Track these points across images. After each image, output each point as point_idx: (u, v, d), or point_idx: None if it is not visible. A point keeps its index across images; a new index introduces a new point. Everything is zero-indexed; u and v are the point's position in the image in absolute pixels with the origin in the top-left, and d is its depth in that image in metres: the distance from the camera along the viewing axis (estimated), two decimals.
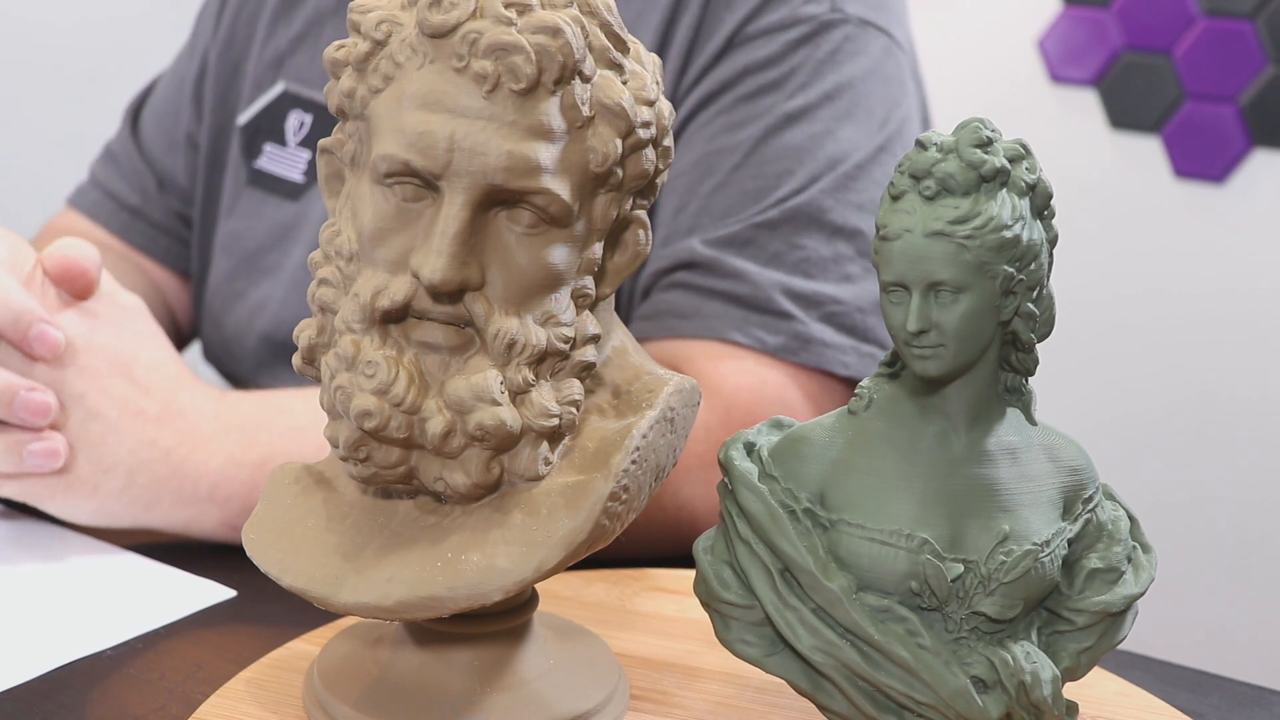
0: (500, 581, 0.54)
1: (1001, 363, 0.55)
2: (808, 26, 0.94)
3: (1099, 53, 1.95)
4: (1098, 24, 1.95)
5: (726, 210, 0.91)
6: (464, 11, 0.53)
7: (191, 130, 1.18)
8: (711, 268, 0.89)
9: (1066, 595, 0.56)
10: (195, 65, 1.18)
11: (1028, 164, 0.53)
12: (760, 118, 0.92)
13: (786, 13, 0.94)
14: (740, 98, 0.93)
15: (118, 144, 1.22)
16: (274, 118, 1.11)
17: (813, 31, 0.94)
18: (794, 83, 0.93)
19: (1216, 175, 1.90)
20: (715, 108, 0.94)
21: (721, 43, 0.94)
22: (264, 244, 1.10)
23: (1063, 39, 1.98)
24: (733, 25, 0.94)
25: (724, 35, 0.94)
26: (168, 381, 0.80)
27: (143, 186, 1.19)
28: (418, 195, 0.54)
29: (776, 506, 0.54)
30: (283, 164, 1.10)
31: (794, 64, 0.93)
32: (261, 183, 1.11)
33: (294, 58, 1.11)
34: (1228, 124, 1.88)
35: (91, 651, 0.69)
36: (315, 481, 0.60)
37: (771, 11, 0.94)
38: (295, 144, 1.10)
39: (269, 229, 1.10)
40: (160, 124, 1.20)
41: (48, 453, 0.75)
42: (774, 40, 0.93)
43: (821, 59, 0.94)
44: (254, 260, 1.11)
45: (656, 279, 0.93)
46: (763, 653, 0.57)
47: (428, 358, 0.55)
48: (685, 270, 0.91)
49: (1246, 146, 1.88)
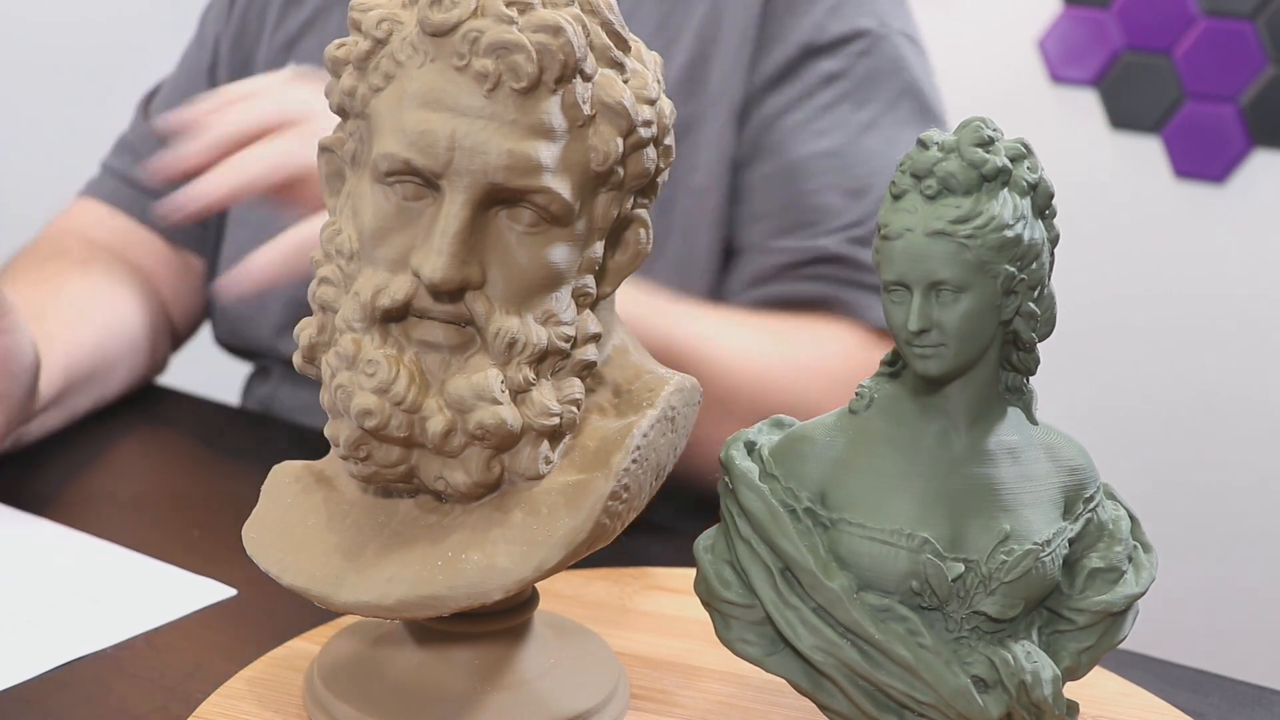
0: (501, 580, 0.54)
1: (1002, 362, 0.55)
2: (866, 41, 1.05)
3: (1099, 53, 1.95)
4: (1098, 24, 1.95)
5: (830, 209, 1.02)
6: (465, 10, 0.53)
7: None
8: (846, 261, 1.00)
9: (1067, 595, 0.56)
10: (207, 56, 1.21)
11: (1029, 163, 0.53)
12: (842, 126, 1.04)
13: (848, 26, 1.05)
14: (822, 107, 1.04)
15: (133, 135, 1.23)
16: None
17: (871, 45, 1.06)
18: (863, 94, 1.05)
19: (1216, 175, 1.90)
20: (801, 114, 1.04)
21: (796, 50, 1.04)
22: (275, 212, 1.12)
23: (1063, 39, 1.98)
24: (803, 34, 1.04)
25: (797, 43, 1.04)
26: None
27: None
28: (418, 194, 0.54)
29: (777, 506, 0.54)
30: None
31: (860, 75, 1.05)
32: None
33: (303, 42, 1.15)
34: (1228, 124, 1.88)
35: (91, 651, 0.69)
36: (315, 480, 0.60)
37: (835, 22, 1.05)
38: None
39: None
40: (174, 109, 1.21)
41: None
42: (843, 53, 1.05)
43: (882, 70, 1.06)
44: (263, 227, 1.13)
45: (781, 271, 1.02)
46: (763, 652, 0.57)
47: (428, 357, 0.55)
48: (822, 264, 1.01)
49: (1246, 146, 1.88)
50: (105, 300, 1.07)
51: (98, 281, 1.09)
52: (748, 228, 1.05)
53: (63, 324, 0.99)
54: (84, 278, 1.08)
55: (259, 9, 1.19)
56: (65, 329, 0.98)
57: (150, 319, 1.14)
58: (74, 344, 0.98)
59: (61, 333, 0.97)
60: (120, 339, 1.06)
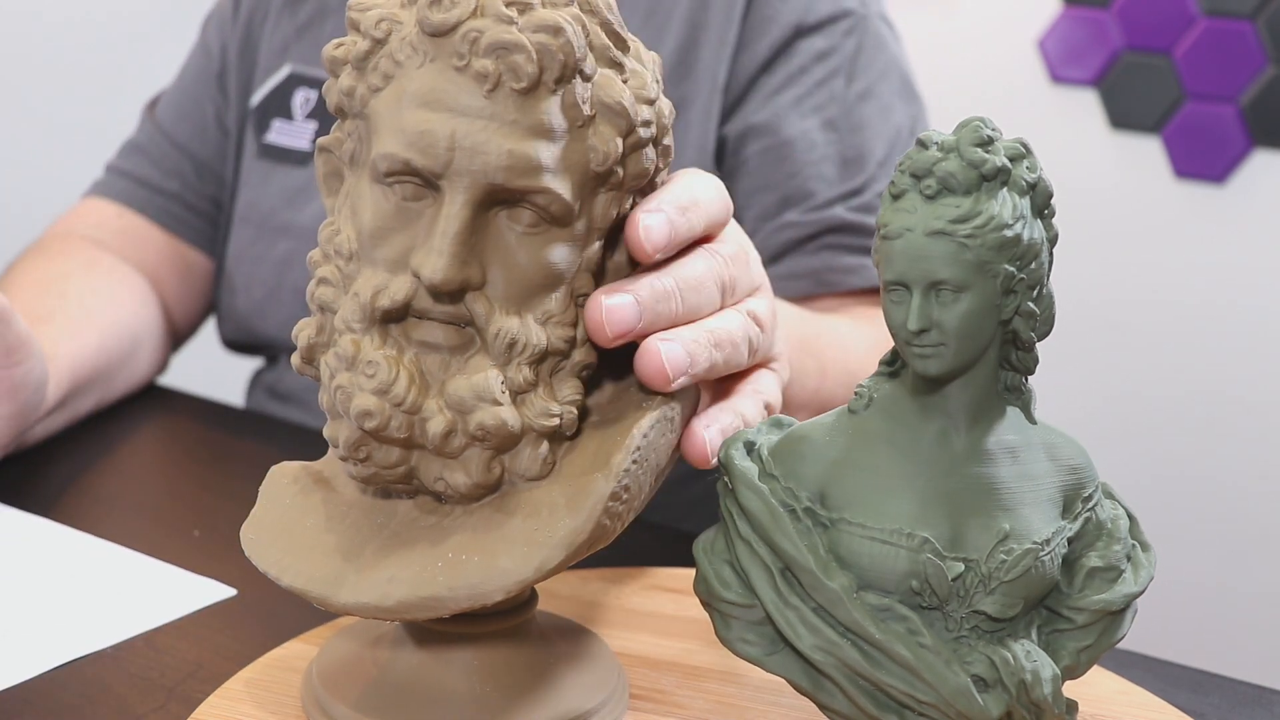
0: (501, 581, 0.54)
1: (1002, 362, 0.55)
2: (850, 20, 1.10)
3: (1099, 53, 1.95)
4: (1098, 24, 1.95)
5: (835, 177, 1.06)
6: (464, 10, 0.53)
7: (220, 112, 1.22)
8: (859, 230, 1.05)
9: (1066, 594, 0.56)
10: (215, 64, 1.22)
11: (1028, 163, 0.53)
12: (837, 99, 1.08)
13: (834, 6, 1.09)
14: (817, 83, 1.08)
15: (142, 137, 1.24)
16: (282, 97, 1.17)
17: (855, 24, 1.10)
18: (854, 67, 1.09)
19: (1217, 175, 1.90)
20: (795, 91, 1.07)
21: (788, 31, 1.07)
22: (276, 206, 1.16)
23: (1063, 39, 1.98)
24: (793, 14, 1.07)
25: (787, 24, 1.07)
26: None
27: (180, 172, 1.21)
28: (418, 194, 0.54)
29: (777, 505, 0.54)
30: (290, 136, 1.17)
31: (849, 51, 1.09)
32: (271, 155, 1.17)
33: (299, 44, 1.17)
34: (1228, 124, 1.88)
35: (92, 650, 0.69)
36: (314, 481, 0.60)
37: (822, 3, 1.09)
38: (302, 117, 1.17)
39: (279, 192, 1.16)
40: (184, 113, 1.23)
41: None
42: (831, 31, 1.09)
43: (868, 46, 1.10)
44: (268, 221, 1.16)
45: (801, 243, 1.05)
46: (763, 652, 0.57)
47: (428, 357, 0.55)
48: (835, 234, 1.05)
49: (1247, 147, 1.88)
50: (110, 302, 1.07)
51: (102, 283, 1.09)
52: (746, 204, 1.07)
53: (69, 329, 0.99)
54: (89, 279, 1.08)
55: (261, 15, 1.21)
56: (71, 334, 0.99)
57: (153, 320, 1.14)
58: (79, 349, 0.98)
59: (67, 338, 0.98)
60: (124, 341, 1.06)
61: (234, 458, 1.01)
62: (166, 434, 1.07)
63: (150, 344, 1.13)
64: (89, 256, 1.12)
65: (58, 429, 0.98)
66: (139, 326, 1.10)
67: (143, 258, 1.18)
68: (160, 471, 1.01)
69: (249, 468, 0.81)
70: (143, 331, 1.11)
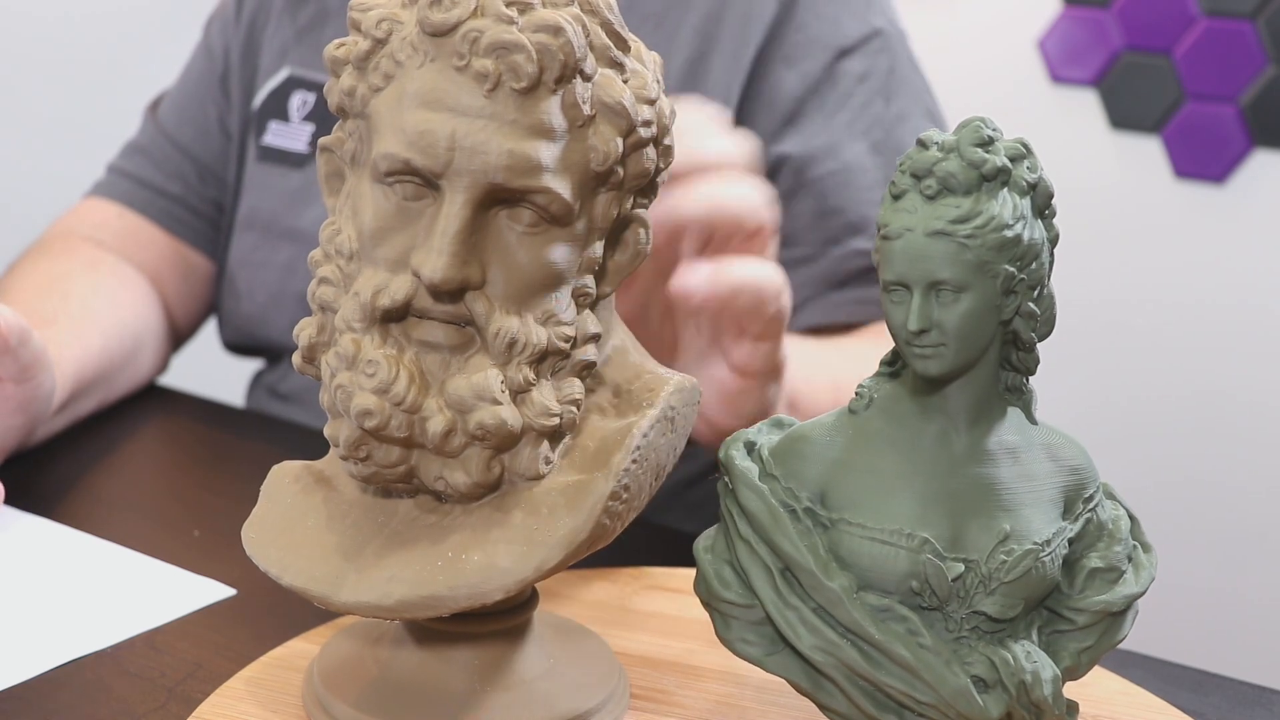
0: (501, 581, 0.54)
1: (1002, 362, 0.55)
2: (880, 40, 1.10)
3: (1099, 53, 1.95)
4: (1098, 24, 1.95)
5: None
6: (465, 10, 0.53)
7: (223, 114, 1.22)
8: None
9: (1067, 594, 0.56)
10: (218, 66, 1.22)
11: (1029, 163, 0.53)
12: (880, 122, 1.09)
13: (865, 25, 1.10)
14: (861, 105, 1.09)
15: (144, 138, 1.24)
16: (280, 99, 1.17)
17: (885, 44, 1.10)
18: (889, 88, 1.10)
19: (1217, 175, 1.90)
20: (846, 115, 1.08)
21: (831, 55, 1.08)
22: (277, 211, 1.16)
23: (1063, 39, 1.97)
24: (832, 38, 1.08)
25: (830, 45, 1.08)
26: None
27: (181, 174, 1.21)
28: (418, 194, 0.54)
29: (777, 506, 0.54)
30: (287, 138, 1.17)
31: (883, 72, 1.10)
32: (269, 157, 1.17)
33: (299, 47, 1.17)
34: (1228, 124, 1.88)
35: (92, 650, 0.69)
36: (315, 480, 0.60)
37: (853, 22, 1.09)
38: (299, 120, 1.17)
39: (279, 196, 1.16)
40: (187, 115, 1.23)
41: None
42: (866, 53, 1.09)
43: (897, 68, 1.11)
44: (269, 227, 1.16)
45: (870, 271, 1.03)
46: (763, 652, 0.57)
47: (428, 357, 0.55)
48: None
49: (1247, 147, 1.88)
50: (112, 304, 1.08)
51: (104, 284, 1.09)
52: (812, 226, 1.06)
53: (72, 332, 0.99)
54: (91, 279, 1.08)
55: (264, 18, 1.21)
56: (74, 337, 0.99)
57: (154, 321, 1.15)
58: (82, 352, 0.99)
59: (71, 341, 0.98)
60: (126, 342, 1.07)
61: (234, 458, 1.01)
62: (167, 434, 1.07)
63: (151, 345, 1.13)
64: (91, 257, 1.12)
65: (59, 430, 0.98)
66: (141, 327, 1.10)
67: (144, 258, 1.18)
68: (161, 471, 1.01)
69: (249, 468, 0.81)
70: (144, 332, 1.11)
